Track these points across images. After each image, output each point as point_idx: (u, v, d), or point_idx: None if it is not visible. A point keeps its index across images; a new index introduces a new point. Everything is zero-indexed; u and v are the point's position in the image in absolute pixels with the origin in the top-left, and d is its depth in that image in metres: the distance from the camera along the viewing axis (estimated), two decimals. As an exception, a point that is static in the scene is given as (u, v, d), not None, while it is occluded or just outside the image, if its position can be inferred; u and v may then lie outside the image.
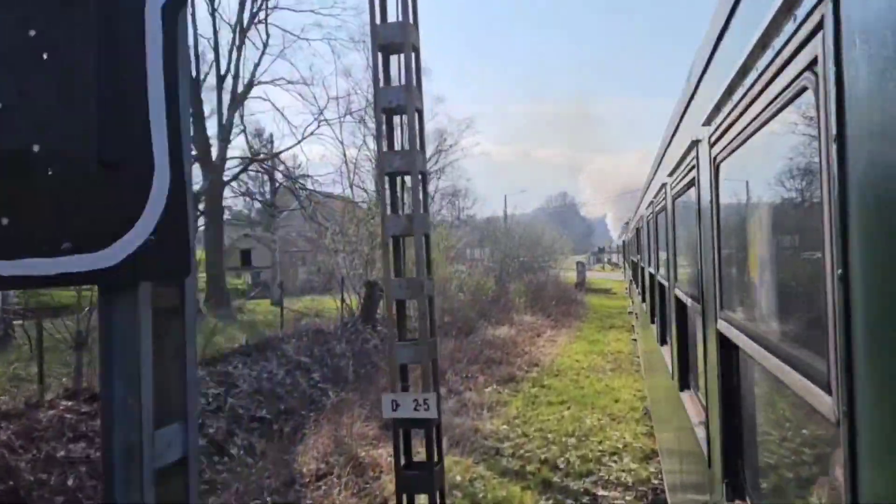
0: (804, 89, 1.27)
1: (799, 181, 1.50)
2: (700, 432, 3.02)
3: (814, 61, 1.18)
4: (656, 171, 5.79)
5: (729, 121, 1.95)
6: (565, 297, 29.06)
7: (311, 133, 30.27)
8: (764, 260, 1.76)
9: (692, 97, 2.96)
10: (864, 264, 1.00)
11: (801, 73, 1.26)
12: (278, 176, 33.85)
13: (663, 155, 4.87)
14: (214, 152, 29.13)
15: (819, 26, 1.13)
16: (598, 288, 40.80)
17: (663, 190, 4.83)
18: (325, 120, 30.71)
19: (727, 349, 2.25)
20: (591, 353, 16.76)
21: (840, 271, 1.06)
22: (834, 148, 1.08)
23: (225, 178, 30.34)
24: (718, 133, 2.14)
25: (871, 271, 0.98)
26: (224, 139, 29.00)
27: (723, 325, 2.23)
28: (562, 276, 38.50)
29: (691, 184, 3.03)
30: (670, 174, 4.15)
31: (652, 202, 6.50)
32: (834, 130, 1.08)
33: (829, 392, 1.13)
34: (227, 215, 38.34)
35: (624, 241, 31.27)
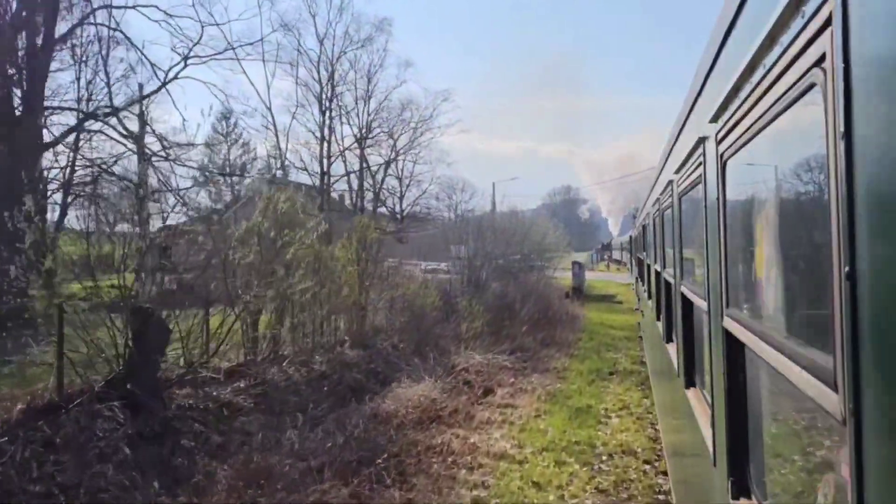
0: (812, 86, 1.26)
1: (806, 178, 1.49)
2: (705, 430, 3.02)
3: (822, 58, 1.17)
4: (663, 167, 5.77)
5: (736, 118, 1.94)
6: (550, 315, 19.73)
7: (176, 76, 21.78)
8: (770, 257, 1.75)
9: (699, 94, 2.95)
10: (871, 262, 1.00)
11: (809, 70, 1.25)
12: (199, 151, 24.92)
13: (670, 152, 4.86)
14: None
15: (828, 22, 1.13)
16: (598, 294, 31.78)
17: (670, 187, 4.82)
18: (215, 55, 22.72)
19: (733, 346, 2.24)
20: (572, 451, 8.15)
21: (847, 269, 1.06)
22: (842, 145, 1.07)
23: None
24: (725, 130, 2.14)
25: (878, 269, 0.98)
26: (28, 84, 17.63)
27: (729, 323, 2.22)
28: (558, 278, 30.18)
29: (698, 181, 3.02)
30: (677, 171, 4.13)
31: (658, 199, 6.49)
32: (842, 127, 1.07)
33: (836, 389, 1.13)
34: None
35: (631, 237, 28.63)
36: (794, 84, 1.36)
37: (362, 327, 13.99)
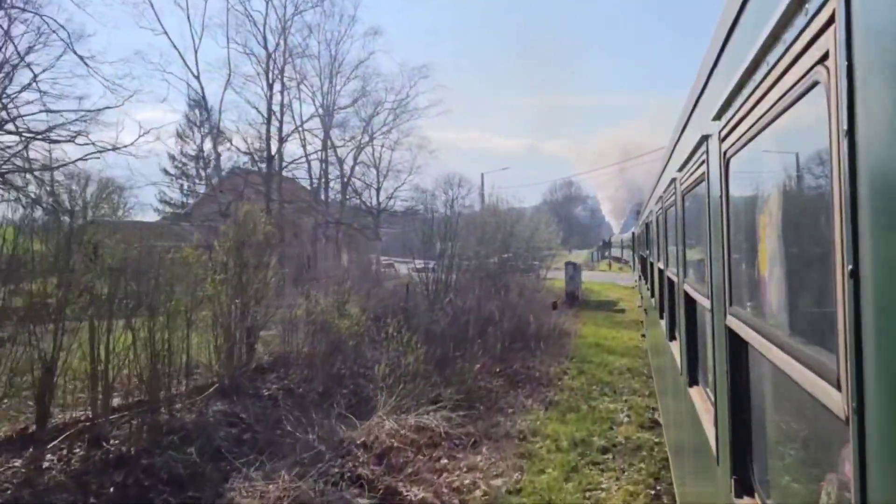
0: (815, 84, 1.26)
1: (809, 176, 1.49)
2: (708, 428, 3.02)
3: (825, 55, 1.17)
4: (666, 165, 5.77)
5: (739, 116, 1.93)
6: (528, 335, 14.97)
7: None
8: (774, 255, 1.75)
9: (702, 92, 2.95)
10: (875, 260, 0.99)
11: (812, 68, 1.25)
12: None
13: (673, 149, 4.85)
14: None
15: (831, 20, 1.12)
16: (596, 300, 26.78)
17: (673, 185, 4.81)
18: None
19: (736, 345, 2.24)
20: None
21: (850, 267, 1.06)
22: (845, 143, 1.07)
23: None
24: (729, 128, 2.13)
25: (882, 267, 0.97)
26: None
27: (732, 321, 2.22)
28: (552, 279, 26.76)
29: (701, 179, 3.02)
30: (680, 169, 4.13)
31: (661, 197, 6.48)
32: (845, 125, 1.07)
33: (839, 388, 1.13)
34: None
35: (633, 235, 27.46)
36: (798, 82, 1.35)
37: (248, 362, 9.65)
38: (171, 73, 38.68)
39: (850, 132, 1.06)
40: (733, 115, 2.03)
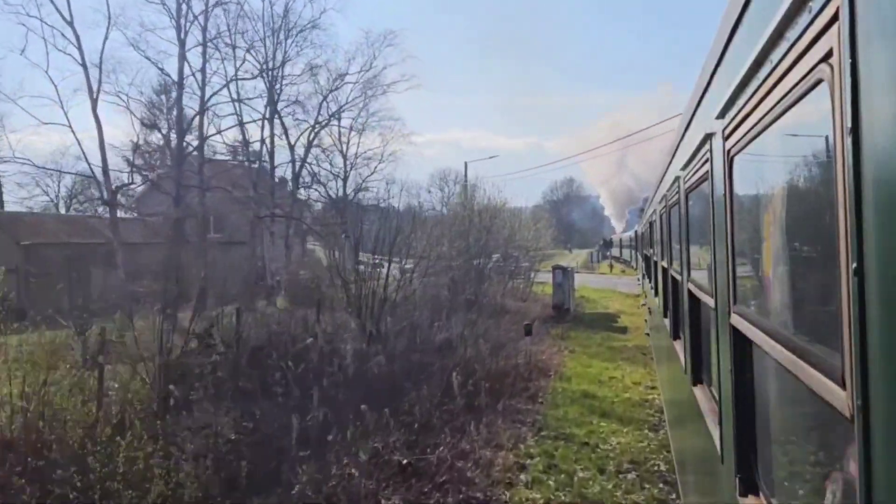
0: (819, 82, 1.26)
1: (813, 174, 1.49)
2: (713, 427, 3.01)
3: (829, 53, 1.17)
4: (669, 163, 5.76)
5: (743, 114, 1.93)
6: (476, 379, 9.46)
7: None
8: (778, 254, 1.74)
9: (706, 90, 2.94)
10: (879, 258, 0.99)
11: (816, 66, 1.25)
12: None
13: (677, 148, 4.85)
14: None
15: (834, 18, 1.12)
16: (593, 313, 21.66)
17: (676, 183, 4.81)
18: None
19: (740, 344, 2.24)
20: None
21: (855, 265, 1.06)
22: (849, 141, 1.07)
23: None
24: (732, 126, 2.13)
25: (886, 264, 0.97)
26: None
27: (736, 320, 2.22)
28: (546, 283, 22.36)
29: (705, 177, 3.01)
30: (683, 167, 4.12)
31: (665, 196, 6.47)
32: (849, 123, 1.07)
33: (844, 386, 1.13)
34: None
35: (636, 233, 26.10)
36: (801, 80, 1.35)
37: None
38: (34, 17, 25.96)
39: (855, 130, 1.06)
40: (737, 114, 2.03)
